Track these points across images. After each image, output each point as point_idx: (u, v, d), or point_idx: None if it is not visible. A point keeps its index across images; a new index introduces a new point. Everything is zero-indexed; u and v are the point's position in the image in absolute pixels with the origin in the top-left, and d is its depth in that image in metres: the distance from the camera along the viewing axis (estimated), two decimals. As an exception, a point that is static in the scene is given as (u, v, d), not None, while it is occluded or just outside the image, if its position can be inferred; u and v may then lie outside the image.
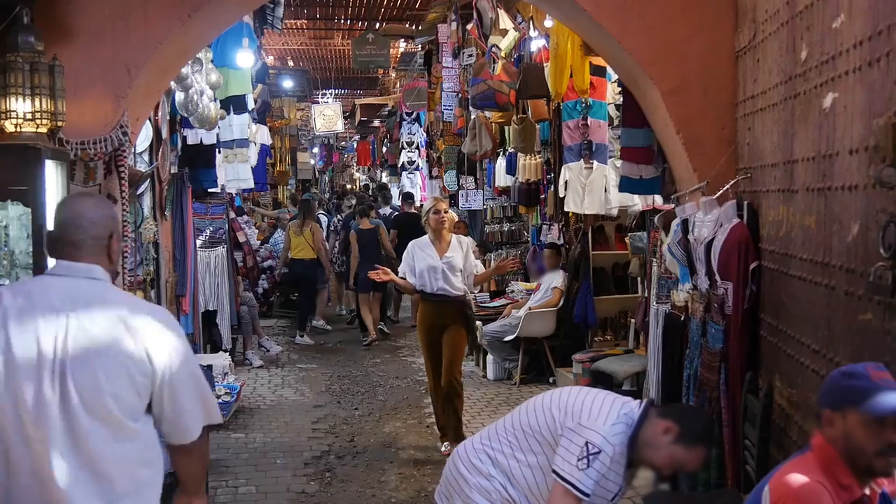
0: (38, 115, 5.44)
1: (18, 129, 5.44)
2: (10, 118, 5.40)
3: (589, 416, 3.58)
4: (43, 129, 5.52)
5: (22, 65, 5.40)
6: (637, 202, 8.89)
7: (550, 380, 10.19)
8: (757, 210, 5.27)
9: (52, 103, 5.50)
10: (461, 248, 7.63)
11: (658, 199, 7.98)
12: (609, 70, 8.68)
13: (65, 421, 2.79)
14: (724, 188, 5.50)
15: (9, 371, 2.80)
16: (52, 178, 5.56)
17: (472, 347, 7.27)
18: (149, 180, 7.89)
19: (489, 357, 10.71)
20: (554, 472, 3.56)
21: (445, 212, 7.63)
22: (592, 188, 9.03)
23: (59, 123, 5.61)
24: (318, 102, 27.73)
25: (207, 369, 6.02)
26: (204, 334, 10.24)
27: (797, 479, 2.82)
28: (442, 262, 7.50)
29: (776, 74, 4.91)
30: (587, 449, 3.49)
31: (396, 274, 7.87)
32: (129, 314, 2.95)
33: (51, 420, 2.78)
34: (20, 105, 5.39)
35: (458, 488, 3.79)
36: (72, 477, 2.80)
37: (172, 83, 7.70)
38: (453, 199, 15.95)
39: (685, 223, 5.82)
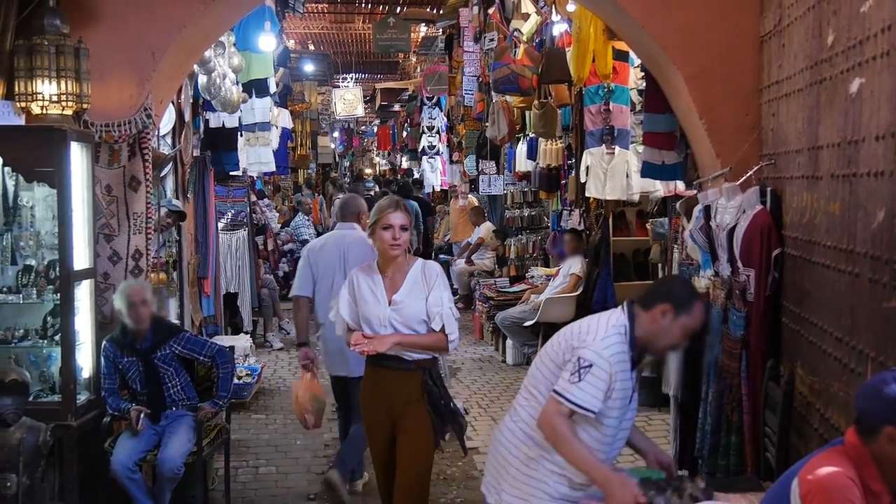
0: (63, 97, 5.49)
1: (44, 112, 5.49)
2: (36, 100, 5.45)
3: (579, 338, 3.62)
4: (68, 112, 5.57)
5: (48, 47, 5.45)
6: (659, 188, 8.85)
7: (570, 365, 10.17)
8: (780, 196, 5.24)
9: (78, 86, 5.54)
10: (424, 283, 4.73)
11: (680, 185, 7.94)
12: (632, 55, 8.62)
13: None
14: (748, 174, 5.46)
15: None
16: (77, 160, 5.61)
17: (440, 435, 4.87)
18: (171, 163, 7.92)
19: (508, 342, 10.73)
20: (552, 391, 3.58)
21: (403, 229, 4.70)
22: (614, 173, 8.99)
23: (85, 106, 5.65)
24: (338, 86, 27.74)
25: (230, 350, 6.05)
26: (225, 316, 10.30)
27: (828, 472, 2.80)
28: (390, 311, 4.69)
29: (802, 59, 4.87)
30: (578, 363, 3.51)
31: None
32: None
33: None
34: (46, 87, 5.43)
35: (506, 473, 3.78)
36: None
37: (195, 66, 7.72)
38: (473, 184, 15.96)
39: (707, 209, 5.79)
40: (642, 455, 3.96)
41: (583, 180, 9.40)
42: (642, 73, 7.89)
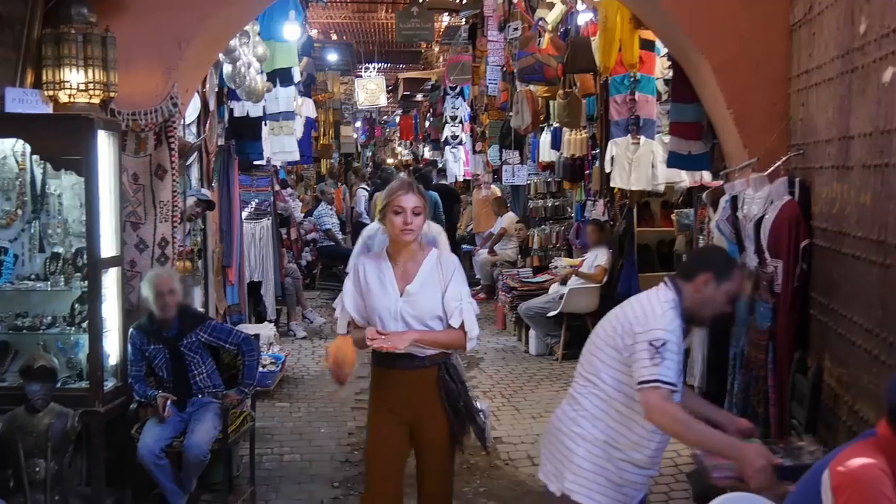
0: (90, 85, 5.53)
1: (72, 100, 5.52)
2: (63, 89, 5.49)
3: (639, 322, 3.62)
4: (96, 100, 5.60)
5: (75, 36, 5.48)
6: (685, 178, 8.80)
7: (593, 356, 10.16)
8: (809, 187, 5.20)
9: (105, 74, 5.57)
10: (440, 275, 4.33)
11: (706, 176, 7.91)
12: (658, 44, 8.59)
13: None
14: (776, 164, 5.43)
15: None
16: (104, 149, 5.63)
17: (460, 438, 4.42)
18: (196, 152, 7.94)
19: (531, 332, 10.71)
20: (638, 384, 3.54)
21: (416, 213, 4.26)
22: (639, 164, 8.95)
23: (112, 94, 5.68)
24: (360, 76, 27.72)
25: (255, 338, 6.07)
26: (249, 305, 10.33)
27: (860, 463, 2.77)
28: (402, 303, 4.28)
29: (833, 48, 4.83)
30: (653, 346, 3.52)
31: None
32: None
33: None
34: (73, 76, 5.47)
35: (568, 461, 3.76)
36: None
37: (220, 55, 7.74)
38: (496, 174, 15.93)
39: (734, 200, 5.76)
40: (721, 428, 3.92)
41: (608, 170, 9.37)
42: (669, 63, 7.85)
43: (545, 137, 12.74)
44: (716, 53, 5.86)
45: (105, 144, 5.65)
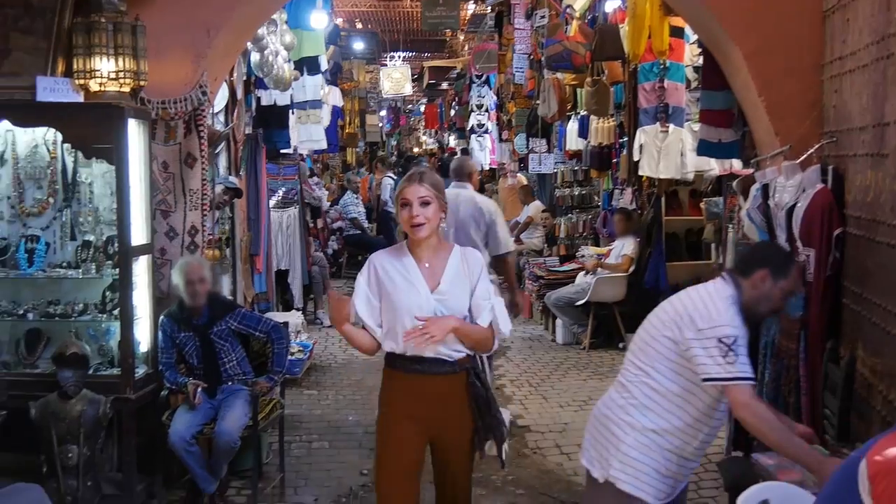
0: (121, 74, 5.55)
1: (102, 89, 5.54)
2: (94, 77, 5.51)
3: (703, 318, 3.58)
4: (126, 89, 5.62)
5: (105, 25, 5.50)
6: (714, 167, 8.75)
7: (620, 345, 10.14)
8: (842, 175, 5.14)
9: (135, 63, 5.59)
10: (466, 272, 4.05)
11: (736, 164, 7.84)
12: (687, 31, 8.53)
13: None
14: (808, 152, 5.37)
15: None
16: (135, 137, 5.67)
17: (480, 446, 4.13)
18: (225, 140, 7.97)
19: (558, 321, 10.70)
20: (707, 380, 3.54)
21: (424, 202, 3.96)
22: (668, 152, 8.90)
23: (142, 83, 5.70)
24: (386, 65, 27.73)
25: (284, 326, 6.09)
26: (276, 293, 10.37)
27: None
28: (434, 299, 3.97)
29: (867, 34, 4.77)
30: (724, 344, 3.51)
31: None
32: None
33: None
34: (104, 64, 5.49)
35: (615, 449, 3.74)
36: None
37: (248, 44, 7.75)
38: (522, 163, 15.89)
39: (765, 188, 5.70)
40: None
41: (636, 158, 9.32)
42: (699, 50, 7.79)
43: (572, 126, 12.69)
44: (747, 40, 5.81)
45: (135, 133, 5.68)
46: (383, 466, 4.08)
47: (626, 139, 10.32)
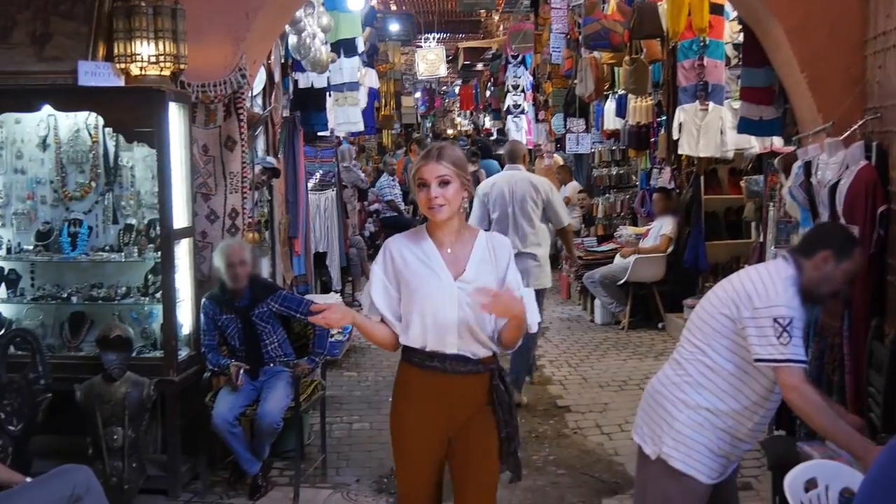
0: (161, 58, 5.58)
1: (143, 73, 5.58)
2: (134, 62, 5.54)
3: (760, 298, 3.55)
4: (166, 72, 5.65)
5: (146, 9, 5.53)
6: (754, 144, 8.66)
7: (659, 325, 10.12)
8: (886, 151, 5.08)
9: (175, 46, 5.61)
10: (493, 260, 3.69)
11: (776, 142, 7.77)
12: (727, 7, 8.44)
13: None
14: (851, 129, 5.30)
15: None
16: (175, 120, 5.70)
17: (512, 463, 3.78)
18: (263, 124, 7.99)
19: (596, 301, 10.68)
20: (759, 360, 3.51)
21: (443, 182, 3.56)
22: (708, 130, 8.81)
23: (182, 66, 5.73)
24: (421, 46, 27.68)
25: (325, 309, 6.10)
26: (315, 275, 10.41)
27: None
28: (458, 287, 3.60)
29: (912, 9, 4.70)
30: (779, 324, 3.47)
31: None
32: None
33: None
34: (144, 48, 5.52)
35: (668, 426, 3.72)
36: None
37: (286, 26, 7.76)
38: (558, 143, 15.82)
39: (808, 165, 5.64)
40: None
41: (675, 137, 9.24)
42: (739, 27, 7.70)
43: (610, 105, 12.61)
44: (789, 16, 5.73)
45: (176, 116, 5.72)
46: (404, 472, 3.81)
47: (664, 118, 10.25)
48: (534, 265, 7.37)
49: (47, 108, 5.74)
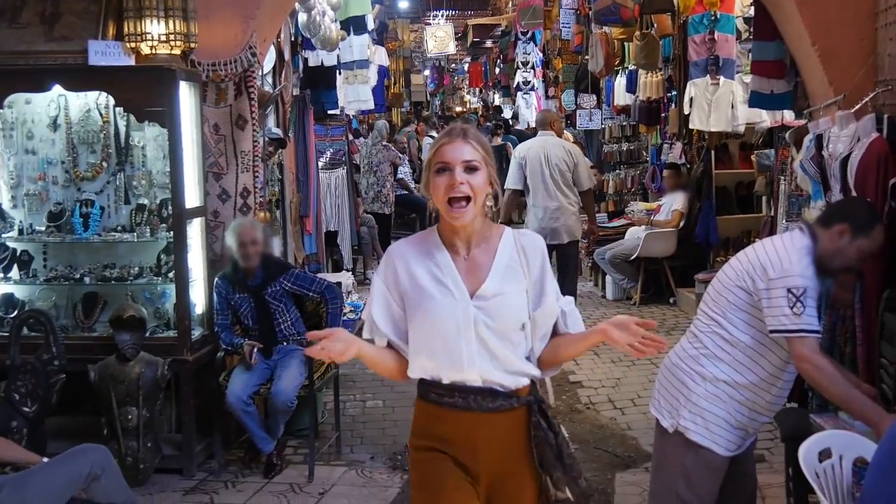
0: (171, 37, 5.58)
1: (153, 52, 5.58)
2: (145, 40, 5.54)
3: (775, 268, 3.55)
4: (176, 51, 5.65)
5: (155, -13, 5.51)
6: (765, 118, 8.62)
7: (671, 300, 10.11)
8: (898, 123, 5.06)
9: (185, 25, 5.61)
10: (524, 265, 2.97)
11: (787, 115, 7.73)
12: (738, -19, 8.39)
13: None
14: (863, 101, 5.27)
15: None
16: (186, 100, 5.71)
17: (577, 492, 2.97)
18: (274, 103, 7.99)
19: (608, 277, 10.67)
20: (773, 331, 3.52)
21: (470, 168, 2.82)
22: (719, 104, 8.77)
23: (192, 45, 5.73)
24: (430, 24, 27.58)
25: (337, 286, 6.13)
26: (326, 254, 10.43)
27: None
28: (474, 308, 2.88)
29: (924, -20, 4.67)
30: (793, 294, 3.47)
31: None
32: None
33: None
34: (154, 27, 5.52)
35: (685, 399, 3.72)
36: None
37: (296, 4, 7.74)
38: (568, 119, 15.77)
39: (819, 139, 5.62)
40: None
41: (686, 112, 9.21)
42: (749, 0, 7.65)
43: (620, 80, 12.56)
44: (800, -12, 5.70)
45: (187, 95, 5.72)
46: None
47: (674, 93, 10.21)
48: (574, 219, 8.36)
49: (58, 88, 5.75)
